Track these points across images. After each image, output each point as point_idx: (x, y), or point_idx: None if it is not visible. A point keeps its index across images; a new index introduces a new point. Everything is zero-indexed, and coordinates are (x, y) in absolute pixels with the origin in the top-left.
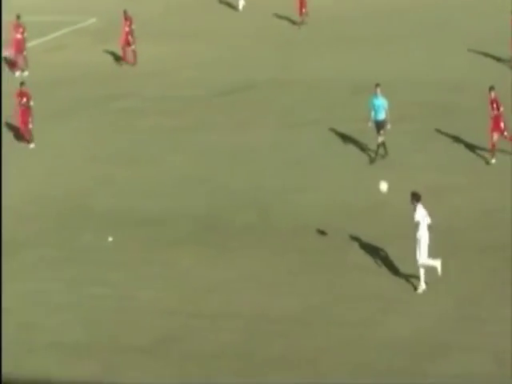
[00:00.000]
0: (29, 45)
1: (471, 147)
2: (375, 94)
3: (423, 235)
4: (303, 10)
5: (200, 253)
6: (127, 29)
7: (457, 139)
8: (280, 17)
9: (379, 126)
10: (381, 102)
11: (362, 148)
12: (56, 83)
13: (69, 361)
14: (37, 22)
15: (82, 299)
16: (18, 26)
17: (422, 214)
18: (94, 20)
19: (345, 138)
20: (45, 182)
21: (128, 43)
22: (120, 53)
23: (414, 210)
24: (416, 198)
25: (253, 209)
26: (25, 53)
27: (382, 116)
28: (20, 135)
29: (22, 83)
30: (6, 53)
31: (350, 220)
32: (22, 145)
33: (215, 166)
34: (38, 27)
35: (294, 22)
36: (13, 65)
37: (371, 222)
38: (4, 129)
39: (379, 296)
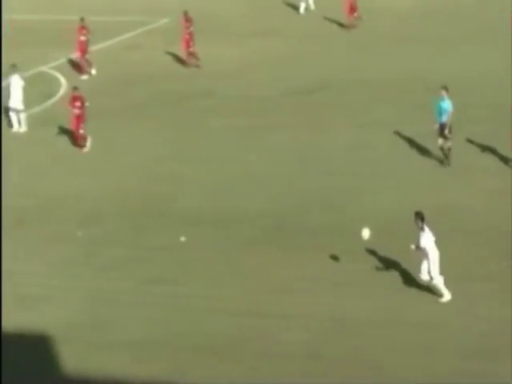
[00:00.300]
0: (106, 44)
1: None
2: (442, 97)
3: (434, 254)
4: (354, 14)
5: (272, 253)
6: (187, 30)
7: None
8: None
9: (443, 128)
10: (447, 105)
11: (434, 150)
12: (130, 82)
13: (139, 359)
14: (113, 22)
15: (154, 298)
16: (82, 28)
17: (429, 235)
18: (165, 20)
19: (417, 138)
20: (118, 181)
21: (188, 45)
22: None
23: (421, 229)
24: (421, 217)
25: (324, 209)
26: (87, 55)
27: (446, 119)
28: (74, 139)
29: (74, 88)
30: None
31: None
32: (77, 149)
33: (288, 165)
34: (115, 27)
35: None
36: (79, 68)
37: (441, 224)
38: (59, 132)
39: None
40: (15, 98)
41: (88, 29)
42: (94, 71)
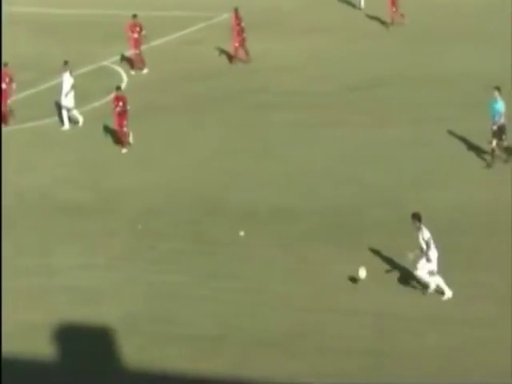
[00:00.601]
0: (166, 39)
1: None
2: (494, 98)
3: (435, 253)
4: (393, 10)
5: (332, 248)
6: (238, 27)
7: None
8: (405, 13)
9: (498, 130)
10: (499, 106)
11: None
12: (189, 77)
13: (198, 354)
14: (174, 17)
15: (213, 293)
16: (135, 25)
17: (427, 234)
18: (226, 15)
19: (476, 135)
20: (177, 175)
21: (239, 42)
22: (239, 52)
23: (419, 230)
24: (418, 218)
25: (383, 205)
26: (137, 51)
27: (500, 120)
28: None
29: (118, 87)
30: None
31: (481, 218)
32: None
33: (346, 161)
34: (176, 22)
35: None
36: (132, 64)
37: (502, 221)
38: (104, 131)
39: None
40: (66, 96)
41: (141, 26)
42: (146, 70)
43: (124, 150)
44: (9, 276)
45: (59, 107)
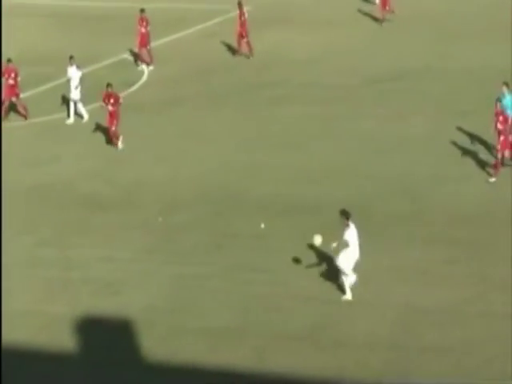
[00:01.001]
0: (185, 32)
1: None
2: (502, 94)
3: (354, 251)
4: (387, 8)
5: None
6: (240, 21)
7: None
8: (426, 6)
9: None
10: (507, 101)
11: None
12: (208, 70)
13: (220, 346)
14: (193, 10)
15: (234, 285)
16: (142, 19)
17: (353, 232)
18: (248, 8)
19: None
20: (197, 168)
21: (242, 35)
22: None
23: (346, 227)
24: (346, 215)
25: (404, 198)
26: (148, 47)
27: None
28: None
29: (108, 84)
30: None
31: (501, 213)
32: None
33: (365, 153)
34: (195, 15)
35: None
36: (137, 58)
37: None
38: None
39: None
40: (73, 89)
41: (148, 20)
42: (151, 67)
43: (119, 147)
44: (30, 268)
45: (68, 101)
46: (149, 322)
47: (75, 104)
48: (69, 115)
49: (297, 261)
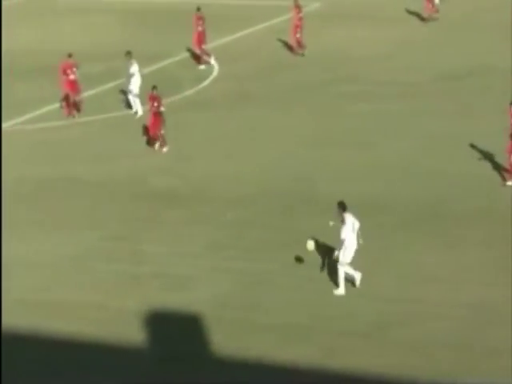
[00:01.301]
0: (255, 28)
1: None
2: None
3: (350, 243)
4: (430, 7)
5: (423, 240)
6: (297, 17)
7: None
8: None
9: None
10: None
11: None
12: (277, 67)
13: (286, 343)
14: (263, 6)
15: (302, 282)
16: (199, 18)
17: (349, 226)
18: (317, 4)
19: None
20: (267, 164)
21: (295, 32)
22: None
23: (342, 220)
24: (343, 207)
25: (474, 197)
26: (203, 46)
27: None
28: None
29: (153, 87)
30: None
31: None
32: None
33: (435, 151)
34: (265, 11)
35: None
36: (197, 58)
37: None
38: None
39: None
40: (132, 83)
41: (204, 19)
42: (212, 61)
43: (165, 149)
44: (99, 261)
45: (127, 94)
46: (216, 317)
47: (135, 97)
48: (136, 111)
49: (299, 260)
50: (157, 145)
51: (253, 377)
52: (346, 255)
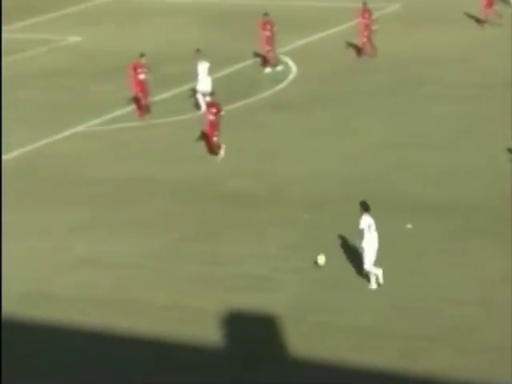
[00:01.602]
0: (331, 31)
1: None
2: None
3: (369, 243)
4: (488, 9)
5: (494, 244)
6: (366, 21)
7: None
8: None
9: None
10: None
11: None
12: (354, 69)
13: (363, 346)
14: (336, 8)
15: (381, 285)
16: (266, 22)
17: (367, 223)
18: (397, 6)
19: None
20: (344, 165)
21: (366, 37)
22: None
23: (361, 220)
24: (364, 207)
25: None
26: (268, 48)
27: None
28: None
29: (211, 93)
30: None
31: None
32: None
33: (500, 156)
34: (338, 14)
35: None
36: (265, 61)
37: None
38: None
39: None
40: (202, 82)
41: (272, 24)
42: (280, 67)
43: (221, 154)
44: (176, 262)
45: (195, 92)
46: (294, 318)
47: (203, 96)
48: (201, 107)
49: (315, 263)
50: (221, 151)
51: (330, 379)
52: (367, 256)
